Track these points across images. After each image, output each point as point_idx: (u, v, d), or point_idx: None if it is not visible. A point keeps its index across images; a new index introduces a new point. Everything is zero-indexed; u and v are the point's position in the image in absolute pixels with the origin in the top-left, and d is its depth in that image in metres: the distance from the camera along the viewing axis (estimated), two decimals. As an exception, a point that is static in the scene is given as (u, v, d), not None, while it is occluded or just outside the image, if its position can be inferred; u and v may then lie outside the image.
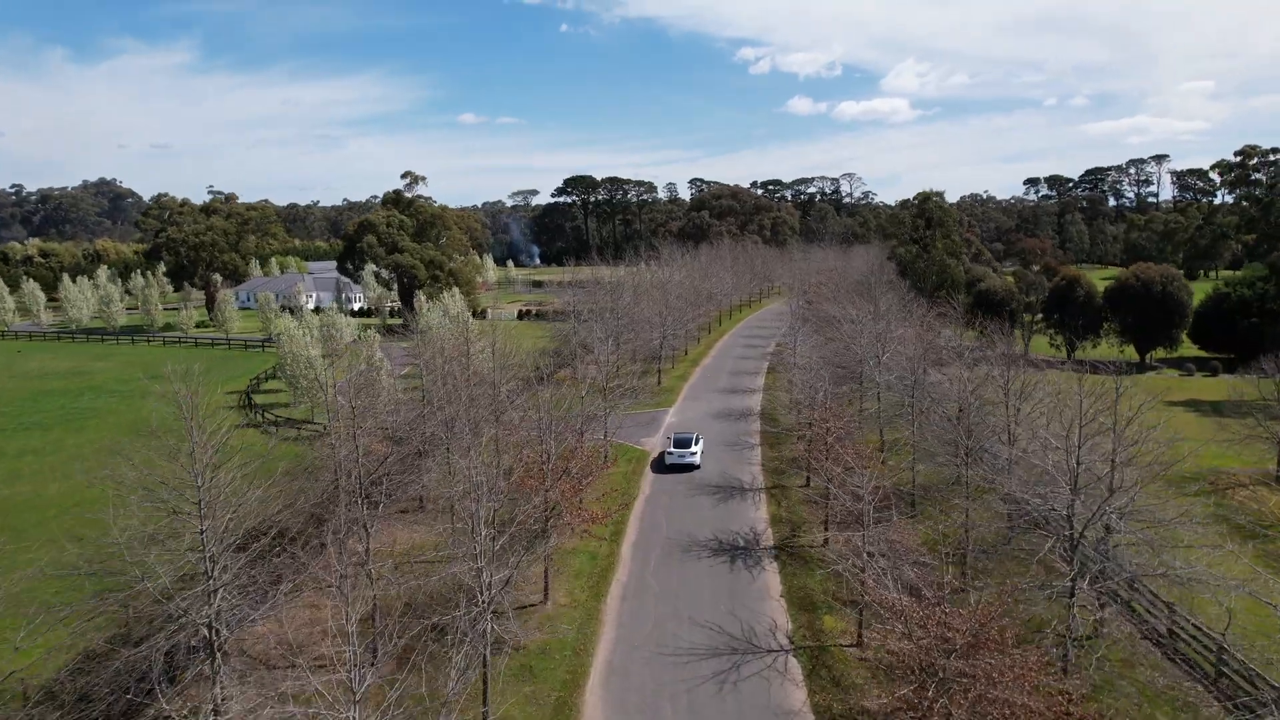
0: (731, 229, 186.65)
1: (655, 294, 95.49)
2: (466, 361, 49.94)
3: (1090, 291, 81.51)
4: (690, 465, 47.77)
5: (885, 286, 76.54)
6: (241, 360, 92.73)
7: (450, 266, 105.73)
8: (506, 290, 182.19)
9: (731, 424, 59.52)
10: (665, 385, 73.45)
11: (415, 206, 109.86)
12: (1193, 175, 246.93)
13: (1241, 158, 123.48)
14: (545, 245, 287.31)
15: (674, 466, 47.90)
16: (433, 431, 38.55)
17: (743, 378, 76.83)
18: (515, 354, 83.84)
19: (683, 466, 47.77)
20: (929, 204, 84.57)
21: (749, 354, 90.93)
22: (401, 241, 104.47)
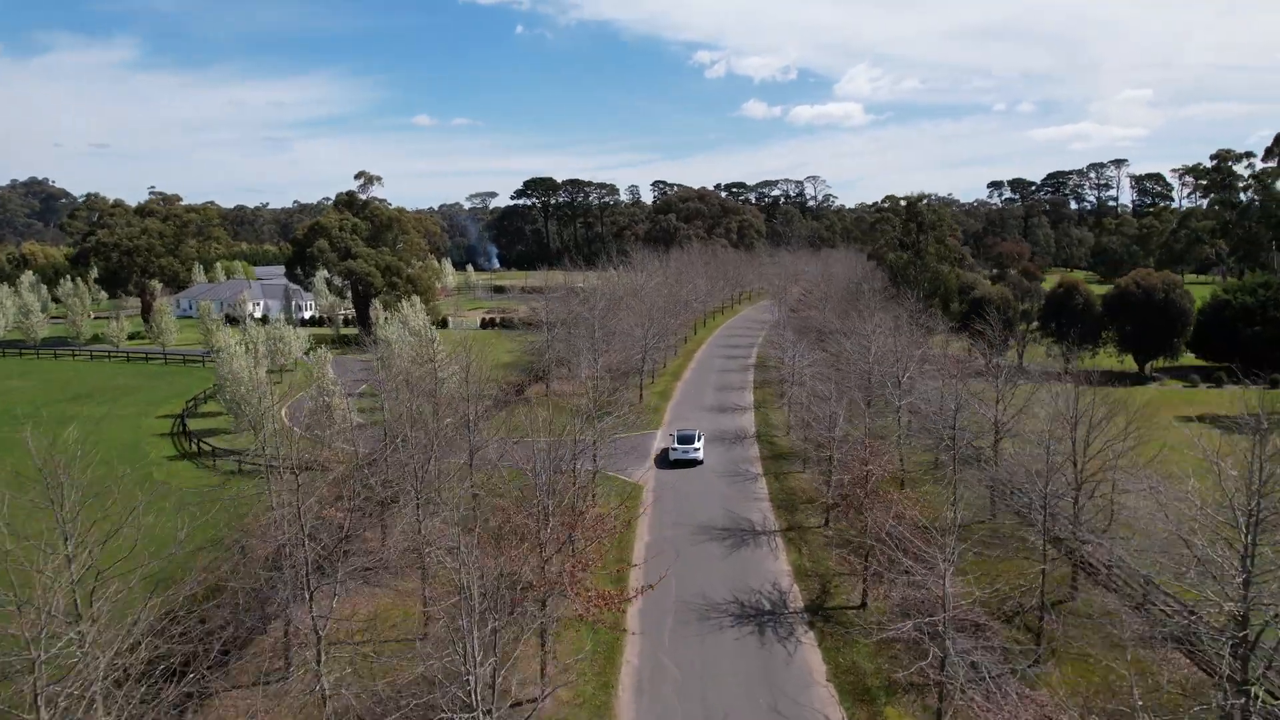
0: (699, 232, 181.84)
1: (632, 302, 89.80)
2: (436, 395, 43.13)
3: (1089, 299, 77.91)
4: (694, 461, 49.83)
5: (878, 295, 71.84)
6: (179, 377, 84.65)
7: (408, 273, 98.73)
8: (467, 296, 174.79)
9: (727, 449, 54.01)
10: (647, 403, 67.73)
11: (370, 209, 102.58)
12: (1150, 179, 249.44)
13: (1217, 161, 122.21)
14: (505, 248, 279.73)
15: (678, 462, 49.91)
16: (397, 480, 32.22)
17: (729, 394, 71.47)
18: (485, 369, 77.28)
19: (687, 462, 49.82)
20: (920, 206, 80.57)
21: (730, 366, 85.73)
22: (355, 246, 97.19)
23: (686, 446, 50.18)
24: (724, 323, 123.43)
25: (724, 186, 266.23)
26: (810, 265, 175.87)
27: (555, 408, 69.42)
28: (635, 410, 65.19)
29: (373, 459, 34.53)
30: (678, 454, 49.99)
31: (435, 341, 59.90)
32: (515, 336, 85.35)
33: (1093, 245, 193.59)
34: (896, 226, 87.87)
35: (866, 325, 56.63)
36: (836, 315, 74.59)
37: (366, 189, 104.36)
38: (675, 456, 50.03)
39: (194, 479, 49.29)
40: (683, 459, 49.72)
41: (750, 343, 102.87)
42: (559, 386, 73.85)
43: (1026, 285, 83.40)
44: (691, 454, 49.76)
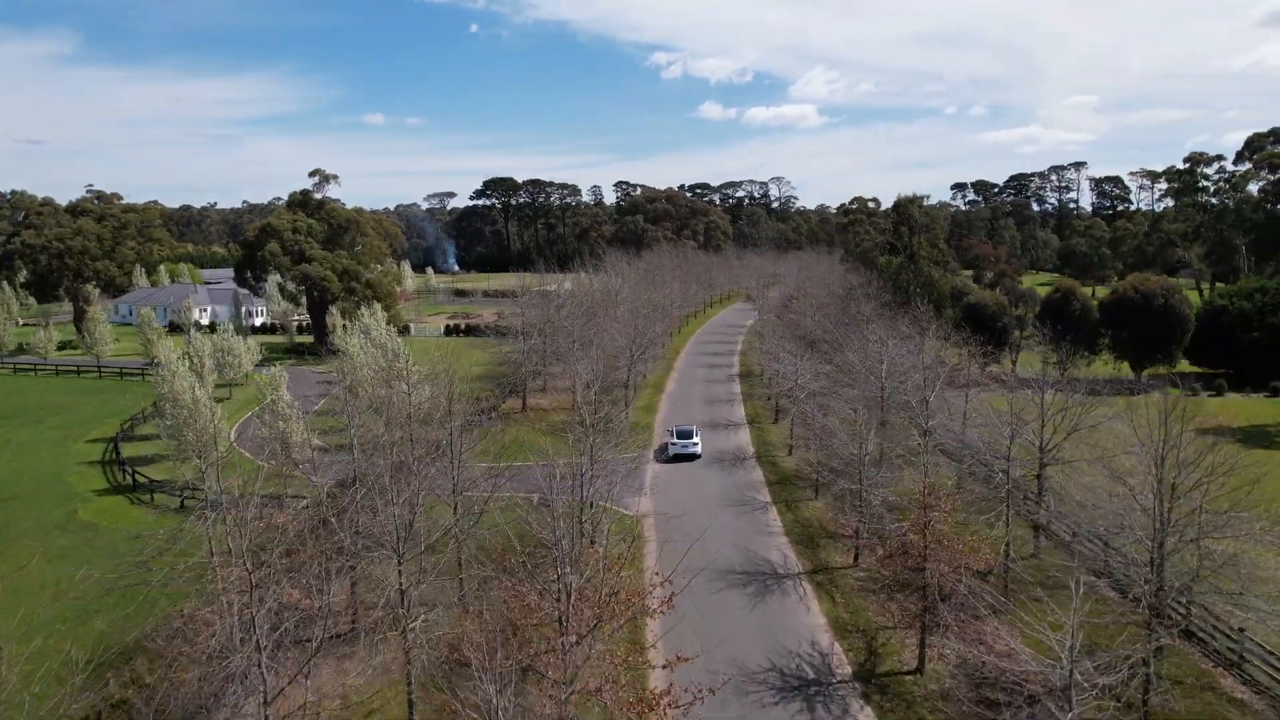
0: (667, 234, 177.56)
1: (611, 309, 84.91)
2: (410, 422, 37.93)
3: (1086, 305, 75.17)
4: (693, 455, 51.88)
5: (873, 302, 68.05)
6: (115, 393, 77.43)
7: (368, 278, 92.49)
8: (428, 300, 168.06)
9: (728, 473, 49.49)
10: (633, 419, 62.90)
11: (326, 209, 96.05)
12: (1109, 182, 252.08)
13: (1189, 164, 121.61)
14: (464, 250, 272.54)
15: (678, 456, 51.90)
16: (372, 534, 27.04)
17: (719, 408, 67.01)
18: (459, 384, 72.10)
19: (686, 456, 51.84)
20: (911, 208, 77.25)
21: (715, 375, 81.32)
22: (310, 249, 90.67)
23: (685, 441, 52.21)
24: (699, 328, 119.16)
25: (688, 187, 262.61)
26: (782, 267, 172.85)
27: (536, 426, 64.31)
28: (621, 428, 60.40)
29: (342, 508, 29.14)
30: (677, 448, 52.07)
31: (406, 357, 54.35)
32: (484, 346, 79.79)
33: (1058, 247, 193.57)
34: (888, 229, 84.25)
35: (871, 335, 52.70)
36: (829, 322, 70.64)
37: (322, 188, 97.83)
38: (675, 451, 52.07)
39: (128, 519, 43.14)
40: (682, 453, 51.80)
41: (730, 349, 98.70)
42: (536, 400, 68.74)
43: (1020, 290, 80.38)
44: (690, 448, 51.84)
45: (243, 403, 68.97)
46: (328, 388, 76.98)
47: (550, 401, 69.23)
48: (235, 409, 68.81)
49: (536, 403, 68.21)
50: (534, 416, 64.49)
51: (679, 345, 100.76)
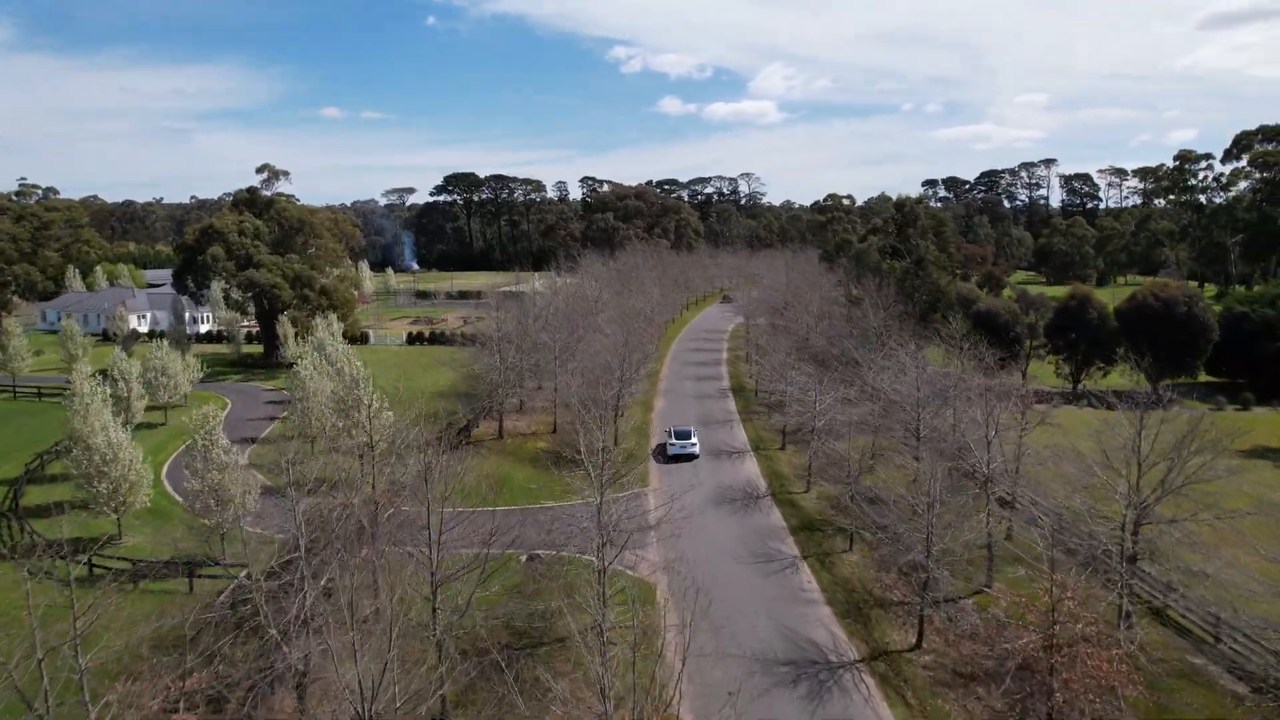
0: (639, 232, 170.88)
1: (592, 317, 78.13)
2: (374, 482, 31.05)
3: (1104, 313, 70.25)
4: (691, 455, 52.46)
5: (882, 312, 62.20)
6: (32, 417, 68.59)
7: (322, 284, 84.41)
8: (387, 303, 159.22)
9: (743, 516, 43.10)
10: (625, 446, 56.19)
11: (276, 209, 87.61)
12: (1078, 179, 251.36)
13: (1180, 162, 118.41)
14: (425, 248, 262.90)
15: (676, 456, 52.37)
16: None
17: (717, 430, 60.62)
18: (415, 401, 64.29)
19: (685, 456, 52.41)
20: (917, 209, 71.60)
21: (705, 389, 74.91)
22: (258, 253, 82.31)
23: (684, 442, 52.79)
24: (679, 334, 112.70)
25: (656, 183, 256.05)
26: (757, 266, 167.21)
27: (516, 456, 57.28)
28: (615, 458, 53.72)
29: (284, 626, 22.22)
30: (675, 449, 52.52)
31: (367, 383, 47.01)
32: (451, 357, 72.32)
33: (1032, 245, 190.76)
34: (890, 231, 78.61)
35: (903, 355, 46.72)
36: (838, 335, 64.72)
37: (271, 185, 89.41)
38: (674, 451, 52.48)
39: (16, 597, 35.16)
40: (681, 453, 52.34)
41: (715, 358, 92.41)
42: (514, 423, 61.69)
43: (1031, 296, 75.30)
44: (689, 448, 52.49)
45: (178, 430, 60.86)
46: (278, 408, 69.10)
47: (530, 424, 62.25)
48: (169, 437, 60.80)
49: (514, 426, 61.19)
50: (513, 444, 57.47)
51: (662, 353, 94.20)
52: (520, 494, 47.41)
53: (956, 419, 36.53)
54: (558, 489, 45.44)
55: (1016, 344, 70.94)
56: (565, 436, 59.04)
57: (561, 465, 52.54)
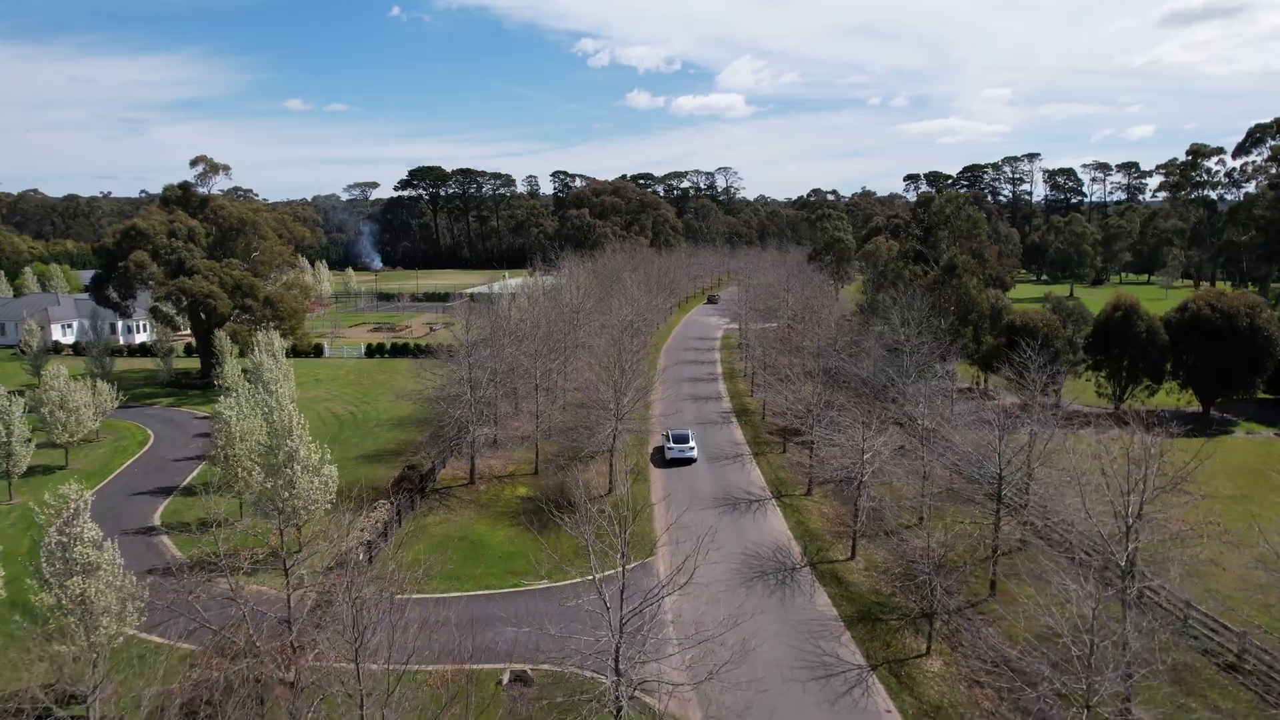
0: (616, 229, 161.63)
1: (574, 331, 69.07)
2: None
3: (1152, 325, 62.53)
4: (689, 459, 52.11)
5: (917, 330, 53.73)
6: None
7: (267, 293, 74.16)
8: (347, 306, 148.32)
9: (782, 600, 34.35)
10: (621, 494, 47.16)
11: (212, 207, 77.09)
12: (1062, 174, 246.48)
13: (1193, 156, 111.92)
14: (389, 245, 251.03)
15: (674, 460, 51.98)
16: None
17: (728, 469, 51.88)
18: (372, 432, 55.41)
19: (683, 460, 52.03)
20: (946, 209, 63.23)
21: (707, 412, 66.05)
22: (191, 258, 71.88)
23: (682, 445, 52.66)
24: (666, 342, 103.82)
25: (631, 178, 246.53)
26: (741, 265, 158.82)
27: (492, 508, 47.99)
28: (610, 510, 44.69)
29: None
30: (674, 453, 52.41)
31: (301, 430, 37.44)
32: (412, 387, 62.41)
33: (1021, 243, 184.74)
34: (916, 233, 70.15)
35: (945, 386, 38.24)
36: (844, 346, 56.21)
37: (208, 180, 78.80)
38: (671, 455, 52.35)
39: None
40: (679, 457, 52.25)
41: (711, 372, 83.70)
42: (487, 462, 52.29)
43: (1067, 306, 67.35)
44: (686, 452, 52.35)
45: (85, 472, 50.62)
46: (208, 442, 59.02)
47: (506, 462, 52.92)
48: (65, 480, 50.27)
49: (488, 465, 51.84)
50: (487, 491, 48.12)
51: (650, 366, 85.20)
52: (498, 566, 38.23)
53: (1082, 494, 27.94)
54: (545, 559, 36.39)
55: (1054, 362, 62.86)
56: (550, 479, 49.99)
57: (548, 523, 43.59)
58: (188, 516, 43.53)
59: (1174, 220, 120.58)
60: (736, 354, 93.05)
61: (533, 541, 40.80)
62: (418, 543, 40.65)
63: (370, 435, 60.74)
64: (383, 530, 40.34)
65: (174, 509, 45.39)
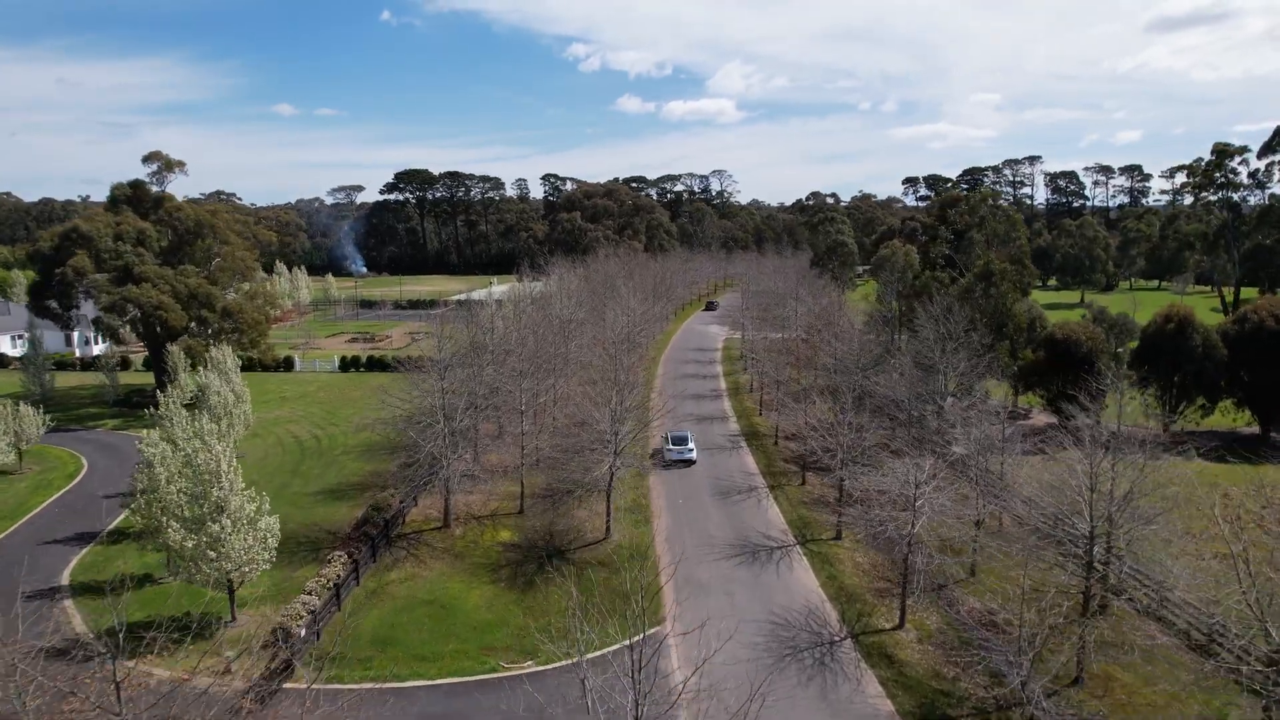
0: (609, 234, 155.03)
1: (564, 345, 62.56)
2: None
3: (1209, 339, 56.33)
4: (688, 460, 51.26)
5: (955, 346, 47.26)
6: None
7: (224, 303, 67.25)
8: (325, 315, 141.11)
9: (820, 690, 27.67)
10: (619, 540, 40.40)
11: (168, 208, 70.11)
12: (1064, 177, 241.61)
13: (1217, 156, 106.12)
14: (375, 249, 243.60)
15: (674, 462, 51.03)
16: None
17: (741, 505, 45.30)
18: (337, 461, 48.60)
19: (682, 462, 51.17)
20: (981, 209, 57.01)
21: (713, 436, 59.35)
22: (141, 264, 64.93)
23: (681, 447, 51.76)
24: (663, 353, 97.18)
25: (624, 181, 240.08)
26: (739, 270, 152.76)
27: (470, 558, 41.18)
28: (600, 552, 37.91)
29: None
30: (674, 454, 51.44)
31: (229, 472, 30.62)
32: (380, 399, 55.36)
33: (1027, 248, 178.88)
34: (941, 236, 63.71)
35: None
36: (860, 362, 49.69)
37: (163, 178, 71.82)
38: (671, 457, 51.36)
39: None
40: (678, 459, 51.26)
41: (714, 388, 77.02)
42: (465, 498, 45.45)
43: (1111, 317, 61.02)
44: (686, 454, 51.45)
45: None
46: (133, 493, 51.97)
47: (487, 498, 46.10)
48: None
49: (466, 502, 45.06)
50: (464, 536, 41.32)
51: (648, 380, 78.58)
52: (472, 640, 31.42)
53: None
54: (531, 630, 29.76)
55: (1098, 379, 56.57)
56: (537, 520, 43.29)
57: (534, 579, 36.89)
58: (107, 572, 36.58)
59: (1196, 223, 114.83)
60: (739, 366, 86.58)
61: (516, 603, 34.13)
62: (376, 606, 33.84)
63: (334, 465, 53.86)
64: (336, 590, 33.53)
65: (91, 562, 38.39)
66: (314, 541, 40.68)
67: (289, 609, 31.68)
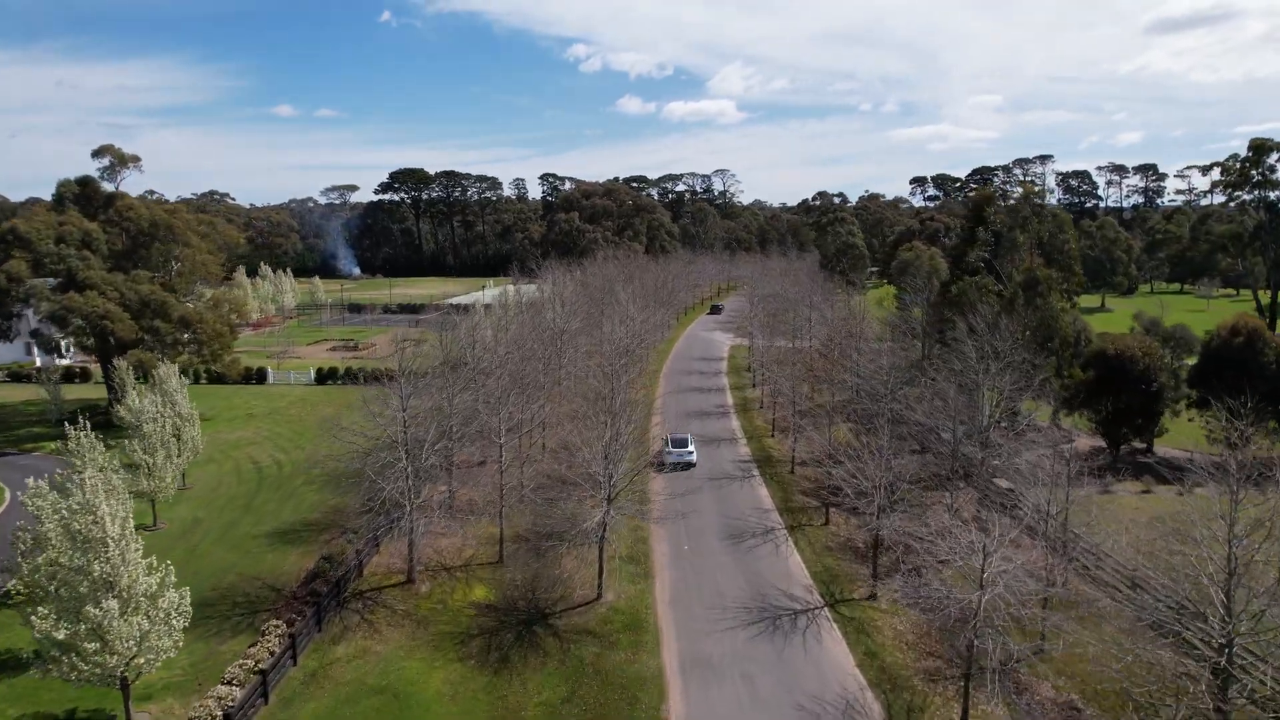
0: (608, 235, 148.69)
1: (556, 361, 56.33)
2: None
3: (1282, 354, 49.92)
4: (688, 464, 50.41)
5: (1002, 365, 40.85)
6: None
7: (183, 311, 60.96)
8: (311, 320, 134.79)
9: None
10: (613, 601, 34.00)
11: (119, 208, 63.80)
12: (1076, 177, 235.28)
13: (1254, 152, 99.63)
14: (369, 251, 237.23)
15: (674, 465, 50.08)
16: None
17: (755, 550, 38.95)
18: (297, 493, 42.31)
19: (682, 465, 50.25)
20: (1024, 208, 50.87)
21: (721, 463, 52.95)
22: (86, 269, 58.66)
23: (681, 450, 50.90)
24: (664, 364, 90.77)
25: (624, 181, 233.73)
26: (743, 272, 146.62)
27: (431, 625, 34.60)
28: (599, 629, 31.49)
29: None
30: (673, 457, 50.64)
31: (123, 533, 24.26)
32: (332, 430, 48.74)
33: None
34: (982, 241, 57.20)
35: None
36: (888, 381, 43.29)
37: (115, 174, 65.61)
38: (671, 460, 50.50)
39: None
40: (679, 462, 50.39)
41: (719, 404, 70.57)
42: (435, 542, 39.07)
43: (1165, 330, 54.56)
44: (686, 457, 50.65)
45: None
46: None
47: (460, 543, 39.70)
48: None
49: (435, 548, 38.71)
50: (431, 594, 34.92)
51: (647, 398, 72.17)
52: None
53: None
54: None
55: (1156, 400, 50.30)
56: (518, 572, 36.93)
57: (512, 654, 30.52)
58: None
59: (1228, 224, 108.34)
60: (748, 379, 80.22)
61: (485, 691, 27.79)
62: (315, 697, 27.50)
63: (293, 497, 47.53)
64: (264, 678, 27.16)
65: (-25, 632, 31.98)
66: (253, 601, 34.34)
67: (201, 706, 25.39)
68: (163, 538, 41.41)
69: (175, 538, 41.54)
